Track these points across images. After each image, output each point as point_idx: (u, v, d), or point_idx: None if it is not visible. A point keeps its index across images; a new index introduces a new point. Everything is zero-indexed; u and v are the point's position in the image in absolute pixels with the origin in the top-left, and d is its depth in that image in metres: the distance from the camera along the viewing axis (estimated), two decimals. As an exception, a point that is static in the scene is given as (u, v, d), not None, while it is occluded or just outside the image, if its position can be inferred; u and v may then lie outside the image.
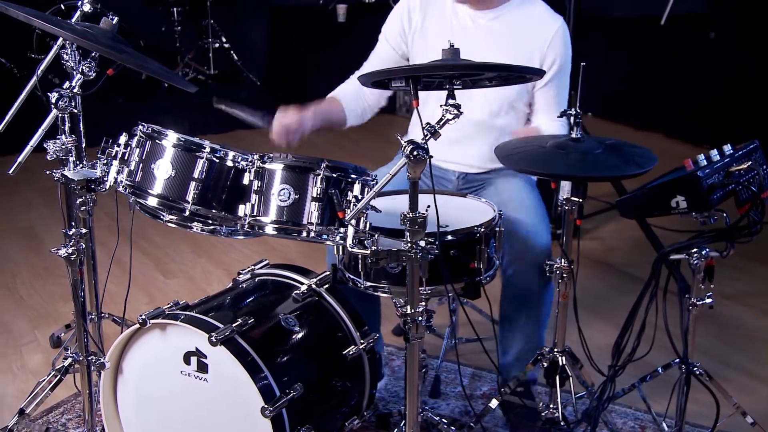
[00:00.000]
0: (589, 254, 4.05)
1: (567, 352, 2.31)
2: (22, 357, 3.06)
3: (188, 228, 2.07)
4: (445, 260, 2.08)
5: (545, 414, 2.31)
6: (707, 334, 3.22)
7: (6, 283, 3.69)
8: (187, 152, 1.99)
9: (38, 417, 2.64)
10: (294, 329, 2.18)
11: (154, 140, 2.03)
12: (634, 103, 6.46)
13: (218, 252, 4.04)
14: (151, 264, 3.92)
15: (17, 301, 3.51)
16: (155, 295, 3.55)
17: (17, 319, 3.35)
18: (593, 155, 2.04)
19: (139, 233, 4.16)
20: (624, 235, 4.22)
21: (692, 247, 2.16)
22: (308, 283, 2.31)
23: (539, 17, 2.59)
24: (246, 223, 1.97)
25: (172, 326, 2.06)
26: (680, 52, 6.23)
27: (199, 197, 1.98)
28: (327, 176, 1.93)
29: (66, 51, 2.29)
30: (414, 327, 1.87)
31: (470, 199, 2.42)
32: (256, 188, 1.96)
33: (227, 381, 2.00)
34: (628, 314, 2.27)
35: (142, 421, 2.20)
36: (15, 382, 2.89)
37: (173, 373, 2.07)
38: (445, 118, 1.77)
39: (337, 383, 2.25)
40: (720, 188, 2.03)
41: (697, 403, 2.33)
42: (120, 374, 2.19)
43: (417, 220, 1.78)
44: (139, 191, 2.03)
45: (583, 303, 3.44)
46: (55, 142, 2.17)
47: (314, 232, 1.93)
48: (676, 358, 2.25)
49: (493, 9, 2.57)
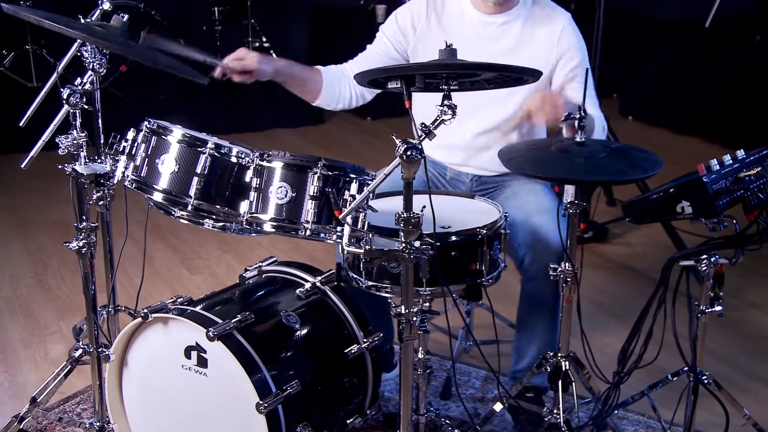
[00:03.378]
0: (615, 259, 4.00)
1: (571, 357, 2.29)
2: (45, 346, 3.14)
3: (200, 224, 2.10)
4: (447, 261, 2.08)
5: (548, 419, 2.28)
6: (730, 343, 3.16)
7: (37, 274, 3.78)
8: (191, 148, 2.02)
9: (55, 406, 2.71)
10: (295, 326, 2.19)
11: (159, 136, 2.06)
12: (675, 106, 6.35)
13: (245, 249, 4.08)
14: (177, 259, 3.98)
15: (46, 292, 3.60)
16: (178, 290, 3.60)
17: (44, 309, 3.44)
18: (597, 159, 2.01)
19: (169, 229, 4.25)
20: (653, 240, 4.15)
21: (701, 254, 2.12)
22: (312, 281, 2.32)
23: (546, 17, 2.56)
24: (245, 220, 1.99)
25: (173, 320, 2.09)
26: (724, 55, 6.10)
27: (201, 192, 2.01)
28: (324, 175, 1.95)
29: (86, 48, 2.34)
30: (408, 327, 1.87)
31: (477, 201, 2.41)
32: (256, 185, 1.98)
33: (225, 376, 2.02)
34: (636, 320, 2.24)
35: (146, 413, 2.24)
36: (37, 371, 2.96)
37: (175, 367, 2.10)
38: (440, 119, 1.76)
39: (338, 381, 2.26)
40: (727, 194, 1.98)
41: (712, 412, 2.29)
42: (125, 366, 2.23)
43: (411, 220, 1.78)
44: (144, 186, 2.07)
45: (607, 308, 3.45)
46: (67, 137, 2.21)
47: (310, 230, 1.94)
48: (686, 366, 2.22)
49: (503, 14, 2.55)
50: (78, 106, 2.20)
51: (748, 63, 5.93)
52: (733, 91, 5.92)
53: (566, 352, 2.27)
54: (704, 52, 6.24)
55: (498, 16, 2.55)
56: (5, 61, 5.88)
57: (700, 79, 6.19)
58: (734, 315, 3.38)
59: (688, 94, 6.27)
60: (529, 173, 2.06)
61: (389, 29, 2.66)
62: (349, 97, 2.65)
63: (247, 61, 2.43)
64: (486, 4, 2.53)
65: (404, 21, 2.63)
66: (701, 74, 6.20)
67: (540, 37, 2.54)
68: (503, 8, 2.54)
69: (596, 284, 3.70)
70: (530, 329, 2.57)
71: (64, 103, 2.19)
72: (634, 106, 6.74)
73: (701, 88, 6.18)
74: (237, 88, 6.62)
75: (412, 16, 2.62)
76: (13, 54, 5.92)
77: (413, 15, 2.62)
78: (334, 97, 2.63)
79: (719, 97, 6.01)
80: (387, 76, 1.86)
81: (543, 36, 2.54)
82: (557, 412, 2.26)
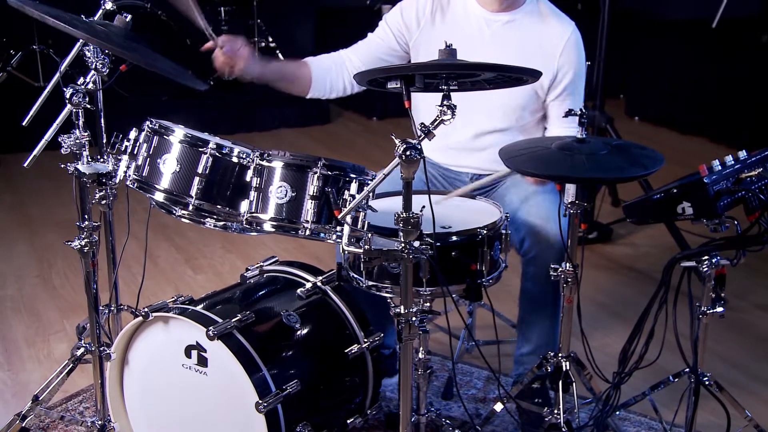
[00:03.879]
0: (619, 260, 3.99)
1: (572, 358, 2.28)
2: (49, 345, 3.15)
3: (201, 223, 2.11)
4: (447, 261, 2.08)
5: (548, 419, 2.28)
6: (736, 344, 3.15)
7: (42, 274, 3.79)
8: (192, 148, 2.03)
9: (58, 404, 2.71)
10: (295, 326, 2.19)
11: (161, 136, 2.07)
12: (682, 107, 6.33)
13: (249, 248, 4.09)
14: (182, 259, 3.99)
15: (50, 291, 3.61)
16: (182, 290, 3.60)
17: (48, 308, 3.45)
18: (598, 157, 2.00)
19: (174, 229, 4.26)
20: (657, 241, 4.14)
21: (702, 255, 2.11)
22: (313, 281, 2.32)
23: (551, 24, 2.57)
24: (245, 219, 1.99)
25: (174, 320, 2.09)
26: (730, 55, 6.08)
27: (202, 192, 2.02)
28: (324, 175, 1.95)
29: (89, 48, 2.34)
30: (407, 327, 1.87)
31: (479, 201, 2.41)
32: (256, 185, 1.99)
33: (225, 375, 2.03)
34: (637, 321, 2.24)
35: (147, 411, 2.25)
36: (40, 369, 2.97)
37: (175, 366, 2.11)
38: (439, 119, 1.76)
39: (338, 381, 2.26)
40: (728, 195, 1.98)
41: (714, 414, 2.29)
42: (126, 365, 2.24)
43: (410, 220, 1.78)
44: (146, 186, 2.08)
45: (612, 309, 3.44)
46: (69, 137, 2.22)
47: (310, 230, 1.94)
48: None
49: (508, 12, 2.55)
50: (81, 106, 2.21)
51: (754, 64, 5.91)
52: (740, 92, 5.90)
53: (567, 353, 2.26)
54: (711, 53, 6.22)
55: (502, 14, 2.55)
56: (13, 61, 5.90)
57: (707, 79, 6.17)
58: (740, 317, 3.38)
59: (694, 94, 6.26)
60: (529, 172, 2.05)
61: (393, 20, 2.65)
62: (343, 87, 2.65)
63: (239, 51, 2.42)
64: (489, 0, 2.53)
65: (409, 14, 2.63)
66: (707, 75, 6.19)
67: (544, 42, 2.54)
68: (507, 7, 2.54)
69: (600, 285, 3.70)
70: (531, 329, 2.57)
71: (66, 102, 2.21)
72: (640, 107, 6.72)
73: (707, 88, 6.16)
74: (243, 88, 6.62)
75: (417, 9, 2.62)
76: (21, 54, 5.94)
77: (418, 9, 2.62)
78: (326, 88, 2.64)
79: (725, 98, 5.99)
80: (387, 76, 1.86)
81: (547, 42, 2.54)
82: (558, 412, 2.26)
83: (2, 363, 3.02)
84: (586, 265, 3.86)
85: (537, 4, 2.59)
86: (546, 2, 2.63)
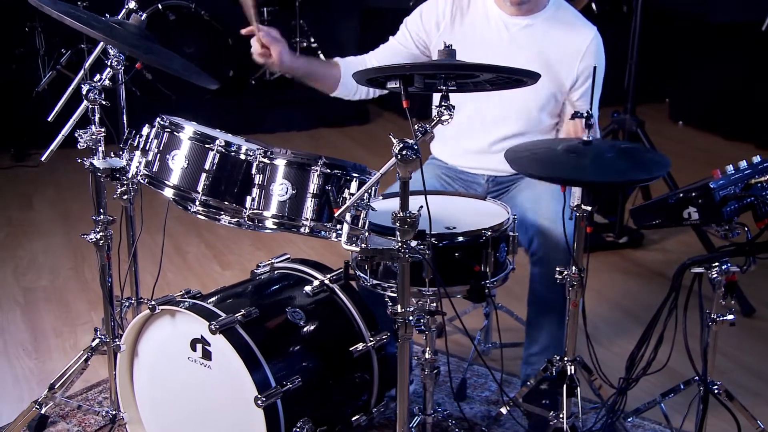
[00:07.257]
0: (649, 265, 3.93)
1: (577, 362, 2.26)
2: (75, 336, 3.23)
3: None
4: (450, 262, 2.08)
5: (554, 423, 2.26)
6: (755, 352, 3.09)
7: (76, 266, 3.89)
8: (200, 144, 2.06)
9: (78, 393, 2.78)
10: (299, 323, 2.21)
11: (171, 132, 2.11)
12: (728, 112, 6.20)
13: (277, 246, 4.13)
14: (210, 255, 4.05)
15: (81, 283, 3.70)
16: (208, 285, 3.66)
17: (78, 300, 3.53)
18: (602, 159, 1.99)
19: (205, 225, 4.31)
20: (691, 248, 4.05)
21: (712, 261, 2.08)
22: (321, 279, 2.34)
23: (572, 28, 2.56)
24: (247, 215, 2.02)
25: (180, 313, 2.13)
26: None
27: (209, 188, 2.05)
28: (325, 173, 1.97)
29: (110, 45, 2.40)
30: (403, 327, 1.87)
31: (488, 202, 2.40)
32: (259, 182, 2.01)
33: (227, 369, 2.06)
34: (646, 327, 2.21)
35: (155, 402, 2.29)
36: (65, 359, 3.03)
37: (181, 359, 2.14)
38: (438, 119, 1.77)
39: (342, 379, 2.27)
40: (735, 200, 1.94)
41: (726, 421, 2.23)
42: (136, 357, 2.29)
43: (407, 219, 1.79)
44: (156, 181, 2.12)
45: (637, 315, 3.39)
46: (86, 132, 2.28)
47: (310, 227, 1.96)
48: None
49: (529, 16, 2.54)
50: (96, 102, 2.27)
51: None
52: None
53: (572, 357, 2.24)
54: (758, 57, 6.08)
55: (522, 18, 2.54)
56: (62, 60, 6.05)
57: (753, 84, 6.03)
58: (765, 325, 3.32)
59: (739, 99, 6.12)
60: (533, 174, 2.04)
61: (413, 24, 2.66)
62: (366, 90, 2.66)
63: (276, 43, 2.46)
64: (505, 4, 2.52)
65: (429, 17, 2.63)
66: (754, 79, 6.05)
67: (564, 46, 2.53)
68: (524, 11, 2.53)
69: (627, 290, 3.65)
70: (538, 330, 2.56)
71: (83, 98, 2.27)
72: (684, 111, 6.60)
73: (754, 93, 6.02)
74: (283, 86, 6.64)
75: (437, 13, 2.62)
76: (70, 52, 6.08)
77: (438, 12, 2.62)
78: (352, 89, 2.66)
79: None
80: (386, 76, 1.87)
81: (568, 47, 2.53)
82: (563, 416, 2.24)
83: (30, 351, 3.11)
84: (614, 270, 3.86)
85: (558, 9, 2.57)
86: (568, 7, 2.61)
